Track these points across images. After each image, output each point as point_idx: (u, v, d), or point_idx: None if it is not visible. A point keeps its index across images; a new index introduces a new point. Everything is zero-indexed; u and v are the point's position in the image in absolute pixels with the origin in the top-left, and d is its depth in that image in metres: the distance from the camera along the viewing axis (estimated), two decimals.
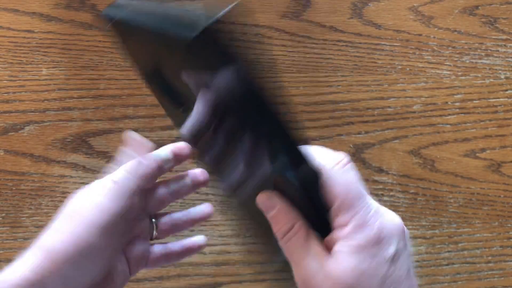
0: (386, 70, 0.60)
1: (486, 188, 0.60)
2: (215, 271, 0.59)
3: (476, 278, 0.60)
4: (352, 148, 0.60)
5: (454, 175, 0.60)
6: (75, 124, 0.59)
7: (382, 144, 0.60)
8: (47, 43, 0.59)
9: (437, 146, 0.60)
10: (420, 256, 0.60)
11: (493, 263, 0.60)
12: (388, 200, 0.60)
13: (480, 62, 0.60)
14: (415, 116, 0.60)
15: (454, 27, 0.60)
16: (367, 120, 0.60)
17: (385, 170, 0.60)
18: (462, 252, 0.60)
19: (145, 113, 0.59)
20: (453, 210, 0.60)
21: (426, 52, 0.60)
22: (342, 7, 0.60)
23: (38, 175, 0.59)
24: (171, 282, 0.59)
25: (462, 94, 0.60)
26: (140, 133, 0.59)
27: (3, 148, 0.59)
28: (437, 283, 0.60)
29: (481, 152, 0.60)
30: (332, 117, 0.60)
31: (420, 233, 0.60)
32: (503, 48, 0.60)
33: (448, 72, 0.60)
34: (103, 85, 0.59)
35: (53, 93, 0.59)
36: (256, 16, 0.60)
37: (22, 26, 0.59)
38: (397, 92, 0.60)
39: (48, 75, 0.59)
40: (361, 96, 0.60)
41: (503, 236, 0.60)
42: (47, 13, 0.59)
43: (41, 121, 0.59)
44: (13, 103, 0.59)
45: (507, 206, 0.60)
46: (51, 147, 0.59)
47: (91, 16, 0.59)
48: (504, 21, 0.61)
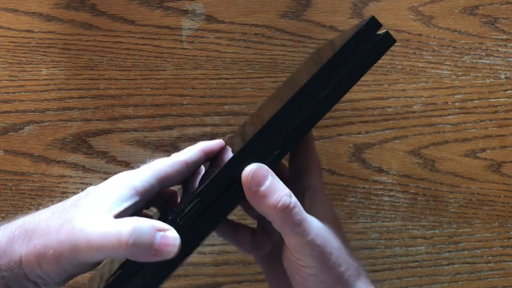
0: (386, 70, 0.60)
1: (486, 188, 0.60)
2: (215, 271, 0.59)
3: (476, 278, 0.60)
4: (352, 148, 0.60)
5: (454, 175, 0.60)
6: (75, 124, 0.59)
7: (382, 144, 0.60)
8: (47, 43, 0.59)
9: (437, 146, 0.60)
10: (420, 256, 0.60)
11: (493, 263, 0.60)
12: (388, 200, 0.60)
13: (481, 62, 0.60)
14: (415, 116, 0.60)
15: (454, 27, 0.60)
16: (367, 120, 0.60)
17: (385, 170, 0.60)
18: (462, 252, 0.60)
19: (145, 113, 0.59)
20: (453, 210, 0.60)
21: (426, 52, 0.60)
22: (342, 7, 0.60)
23: (38, 175, 0.59)
24: (171, 282, 0.59)
25: (462, 94, 0.60)
26: (140, 133, 0.59)
27: (3, 148, 0.59)
28: (437, 283, 0.60)
29: (481, 152, 0.60)
30: (332, 117, 0.60)
31: (420, 233, 0.60)
32: (504, 48, 0.60)
33: (448, 72, 0.60)
34: (103, 85, 0.59)
35: (52, 93, 0.59)
36: (256, 16, 0.60)
37: (21, 26, 0.59)
38: (397, 92, 0.60)
39: (47, 75, 0.59)
40: (361, 96, 0.60)
41: (503, 236, 0.60)
42: (47, 13, 0.59)
43: (41, 121, 0.59)
44: (13, 103, 0.59)
45: (507, 206, 0.60)
46: (51, 147, 0.59)
47: (90, 16, 0.59)
48: (505, 21, 0.61)
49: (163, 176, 0.40)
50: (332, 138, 0.60)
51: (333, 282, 0.40)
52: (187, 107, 0.59)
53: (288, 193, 0.38)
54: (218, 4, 0.60)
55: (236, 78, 0.59)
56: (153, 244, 0.36)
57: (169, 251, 0.37)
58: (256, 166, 0.38)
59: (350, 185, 0.60)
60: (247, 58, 0.60)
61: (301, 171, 0.43)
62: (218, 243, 0.59)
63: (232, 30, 0.60)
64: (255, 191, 0.38)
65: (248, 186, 0.38)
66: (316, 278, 0.39)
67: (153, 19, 0.60)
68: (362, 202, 0.60)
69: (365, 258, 0.59)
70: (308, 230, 0.38)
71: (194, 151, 0.42)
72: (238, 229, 0.46)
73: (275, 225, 0.39)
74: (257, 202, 0.38)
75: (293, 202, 0.38)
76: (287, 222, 0.38)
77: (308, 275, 0.39)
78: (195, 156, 0.42)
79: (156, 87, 0.59)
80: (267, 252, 0.46)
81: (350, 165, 0.60)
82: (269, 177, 0.38)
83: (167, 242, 0.36)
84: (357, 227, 0.60)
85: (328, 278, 0.39)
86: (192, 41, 0.60)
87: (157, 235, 0.36)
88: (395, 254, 0.60)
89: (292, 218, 0.38)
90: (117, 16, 0.59)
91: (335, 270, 0.39)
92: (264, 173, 0.38)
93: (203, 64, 0.59)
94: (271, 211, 0.38)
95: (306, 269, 0.39)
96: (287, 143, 0.38)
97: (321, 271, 0.39)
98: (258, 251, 0.46)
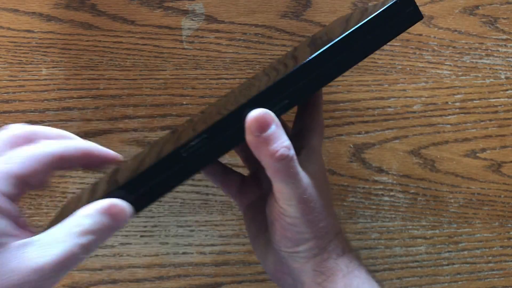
0: (386, 70, 0.60)
1: (487, 188, 0.60)
2: (215, 271, 0.59)
3: (476, 278, 0.60)
4: (352, 148, 0.60)
5: (455, 175, 0.60)
6: (75, 124, 0.59)
7: (382, 144, 0.60)
8: (47, 43, 0.59)
9: (437, 146, 0.60)
10: (420, 256, 0.60)
11: (494, 263, 0.60)
12: (388, 200, 0.60)
13: (481, 62, 0.60)
14: (415, 116, 0.60)
15: (454, 27, 0.60)
16: (367, 120, 0.60)
17: (385, 170, 0.60)
18: (462, 252, 0.60)
19: (145, 113, 0.59)
20: (453, 210, 0.60)
21: (426, 52, 0.60)
22: (342, 7, 0.60)
23: None
24: (171, 282, 0.59)
25: (463, 94, 0.60)
26: (140, 133, 0.59)
27: None
28: (437, 283, 0.60)
29: (482, 152, 0.60)
30: (332, 117, 0.60)
31: (420, 233, 0.60)
32: (504, 48, 0.60)
33: (449, 72, 0.60)
34: (103, 85, 0.59)
35: (52, 93, 0.59)
36: (256, 16, 0.60)
37: (21, 26, 0.59)
38: (397, 92, 0.60)
39: (47, 75, 0.59)
40: (361, 96, 0.60)
41: (503, 236, 0.60)
42: (47, 13, 0.59)
43: (41, 121, 0.59)
44: (13, 103, 0.59)
45: (507, 206, 0.60)
46: None
47: (90, 16, 0.59)
48: (505, 21, 0.61)
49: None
50: (332, 138, 0.60)
51: (310, 235, 0.41)
52: (187, 107, 0.59)
53: (288, 145, 0.38)
54: (218, 4, 0.60)
55: (236, 78, 0.59)
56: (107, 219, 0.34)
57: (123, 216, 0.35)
58: (262, 112, 0.38)
59: (350, 185, 0.60)
60: (247, 58, 0.60)
61: (303, 131, 0.44)
62: (218, 243, 0.59)
63: (232, 30, 0.60)
64: (256, 136, 0.38)
65: (251, 130, 0.38)
66: (295, 228, 0.41)
67: (153, 19, 0.60)
68: (362, 202, 0.60)
69: (365, 258, 0.59)
70: (298, 183, 0.39)
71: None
72: (228, 172, 0.48)
73: (268, 171, 0.39)
74: (256, 146, 0.38)
75: (291, 154, 0.38)
76: (281, 172, 0.39)
77: (288, 224, 0.41)
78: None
79: (156, 87, 0.59)
80: (253, 200, 0.47)
81: (350, 165, 0.60)
82: (273, 124, 0.38)
83: (117, 210, 0.35)
84: (357, 227, 0.60)
85: (306, 230, 0.41)
86: (192, 41, 0.60)
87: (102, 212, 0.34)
88: (395, 254, 0.60)
89: (286, 170, 0.39)
90: (117, 16, 0.59)
91: (314, 224, 0.41)
92: (269, 119, 0.38)
93: (203, 64, 0.59)
94: (267, 158, 0.38)
95: (287, 218, 0.41)
96: (298, 94, 0.39)
97: (301, 222, 0.41)
98: (244, 197, 0.47)
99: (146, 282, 0.59)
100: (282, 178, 0.39)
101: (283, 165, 0.38)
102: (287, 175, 0.39)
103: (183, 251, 0.59)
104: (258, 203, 0.46)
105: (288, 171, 0.39)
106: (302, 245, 0.42)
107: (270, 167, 0.39)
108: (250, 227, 0.48)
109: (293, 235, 0.41)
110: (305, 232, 0.41)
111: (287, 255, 0.43)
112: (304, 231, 0.41)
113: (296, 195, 0.40)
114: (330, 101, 0.60)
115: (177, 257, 0.59)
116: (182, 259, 0.59)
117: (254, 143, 0.38)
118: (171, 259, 0.59)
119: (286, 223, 0.41)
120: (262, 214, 0.44)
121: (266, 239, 0.45)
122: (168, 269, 0.59)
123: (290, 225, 0.41)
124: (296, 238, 0.42)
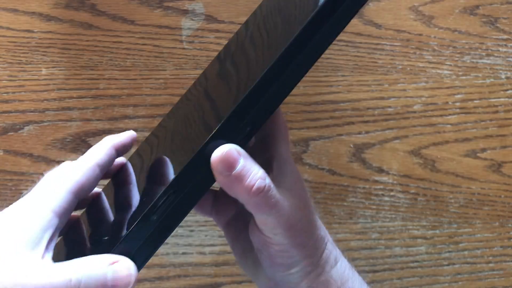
0: (386, 70, 0.60)
1: (487, 188, 0.60)
2: (215, 271, 0.59)
3: (476, 278, 0.60)
4: (352, 148, 0.60)
5: (455, 175, 0.60)
6: (75, 124, 0.59)
7: (383, 144, 0.60)
8: (47, 43, 0.59)
9: (438, 146, 0.60)
10: (421, 256, 0.60)
11: (494, 263, 0.60)
12: (388, 200, 0.60)
13: (481, 62, 0.60)
14: (415, 116, 0.60)
15: (454, 27, 0.60)
16: (367, 120, 0.60)
17: (385, 170, 0.60)
18: (462, 252, 0.60)
19: (145, 113, 0.59)
20: (453, 210, 0.60)
21: (426, 52, 0.60)
22: None
23: (38, 175, 0.59)
24: (171, 282, 0.59)
25: (463, 94, 0.60)
26: (139, 133, 0.59)
27: (3, 148, 0.59)
28: (437, 284, 0.60)
29: (482, 152, 0.60)
30: (332, 117, 0.60)
31: (421, 233, 0.60)
32: (504, 48, 0.60)
33: (449, 72, 0.60)
34: (103, 85, 0.59)
35: (52, 93, 0.59)
36: None
37: (21, 26, 0.59)
38: (397, 92, 0.60)
39: (47, 75, 0.59)
40: (361, 96, 0.60)
41: (503, 236, 0.60)
42: (47, 13, 0.59)
43: (41, 121, 0.59)
44: (13, 103, 0.59)
45: (507, 206, 0.60)
46: (51, 147, 0.59)
47: (90, 16, 0.59)
48: (505, 21, 0.60)
49: (78, 188, 0.35)
50: (332, 138, 0.60)
51: (301, 256, 0.39)
52: None
53: (262, 175, 0.35)
54: (218, 4, 0.60)
55: None
56: (106, 285, 0.33)
57: (125, 283, 0.34)
58: (225, 149, 0.34)
59: (350, 185, 0.60)
60: None
61: (267, 139, 0.40)
62: (218, 243, 0.59)
63: (232, 30, 0.60)
64: (226, 176, 0.35)
65: (219, 172, 0.34)
66: (285, 254, 0.38)
67: (153, 19, 0.59)
68: (362, 202, 0.60)
69: (365, 258, 0.59)
70: (281, 211, 0.36)
71: (104, 149, 0.38)
72: None
73: (247, 207, 0.36)
74: (230, 186, 0.35)
75: (268, 184, 0.35)
76: (261, 205, 0.36)
77: (277, 251, 0.38)
78: (106, 155, 0.38)
79: (156, 87, 0.59)
80: (230, 217, 0.43)
81: (350, 165, 0.60)
82: (241, 159, 0.35)
83: (120, 276, 0.34)
84: (357, 227, 0.60)
85: (297, 253, 0.38)
86: (192, 41, 0.60)
87: (108, 274, 0.33)
88: (395, 254, 0.60)
89: (266, 201, 0.36)
90: (117, 16, 0.59)
91: (304, 245, 0.38)
92: (235, 155, 0.34)
93: (203, 64, 0.59)
94: (244, 195, 0.35)
95: (275, 246, 0.38)
96: (259, 117, 0.35)
97: (291, 246, 0.38)
98: (220, 215, 0.43)
99: (146, 282, 0.59)
100: (263, 211, 0.36)
101: (261, 198, 0.35)
102: (268, 206, 0.36)
103: (183, 251, 0.59)
104: (238, 219, 0.43)
105: (268, 202, 0.36)
106: (294, 268, 0.39)
107: (249, 203, 0.36)
108: (234, 247, 0.44)
109: (284, 261, 0.39)
110: (296, 255, 0.38)
111: (280, 277, 0.40)
112: (295, 254, 0.38)
113: (281, 223, 0.37)
114: (330, 101, 0.60)
115: (177, 257, 0.59)
116: (182, 259, 0.59)
117: (225, 183, 0.35)
118: (171, 259, 0.59)
119: (275, 251, 0.38)
120: (245, 232, 0.40)
121: (255, 258, 0.41)
122: (168, 269, 0.59)
123: (279, 251, 0.38)
124: (287, 263, 0.39)
